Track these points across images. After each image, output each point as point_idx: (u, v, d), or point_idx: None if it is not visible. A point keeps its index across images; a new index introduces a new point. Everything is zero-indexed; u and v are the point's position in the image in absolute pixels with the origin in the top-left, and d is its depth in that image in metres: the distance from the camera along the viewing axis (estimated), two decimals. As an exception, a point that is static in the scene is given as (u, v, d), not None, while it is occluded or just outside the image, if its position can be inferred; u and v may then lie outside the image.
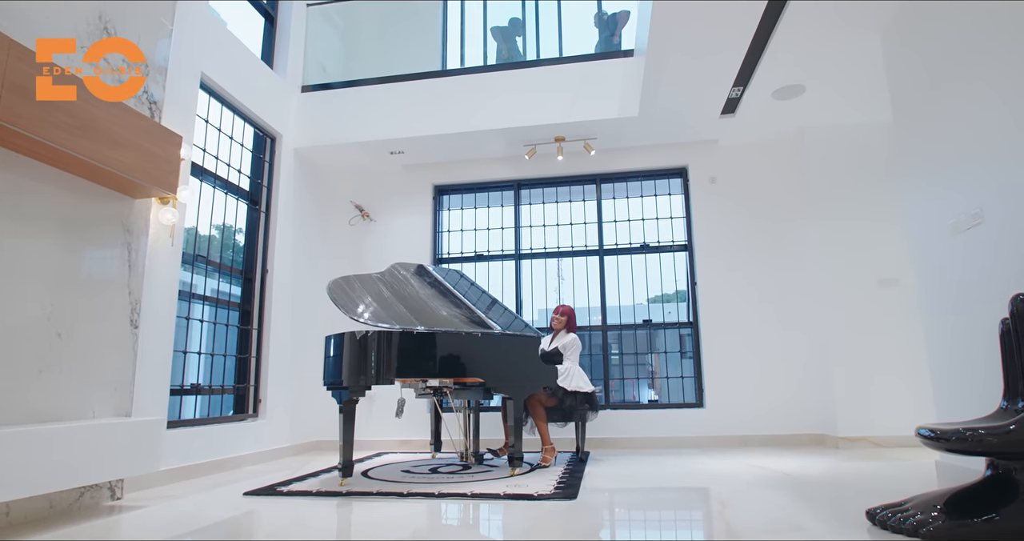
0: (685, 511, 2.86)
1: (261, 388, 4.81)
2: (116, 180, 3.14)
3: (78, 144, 2.77)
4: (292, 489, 3.32)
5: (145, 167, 3.21)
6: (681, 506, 2.97)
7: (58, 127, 2.67)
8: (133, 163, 3.11)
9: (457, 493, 3.09)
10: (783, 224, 5.28)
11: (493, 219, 5.97)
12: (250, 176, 5.02)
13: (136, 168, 3.14)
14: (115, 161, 2.99)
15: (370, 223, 5.88)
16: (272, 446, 4.75)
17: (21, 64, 2.52)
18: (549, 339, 4.55)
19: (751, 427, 4.92)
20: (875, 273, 4.78)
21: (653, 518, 2.71)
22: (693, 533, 2.52)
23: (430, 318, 3.78)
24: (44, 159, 2.82)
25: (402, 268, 4.42)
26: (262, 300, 4.94)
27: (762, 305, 5.16)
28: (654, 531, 2.58)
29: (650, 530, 2.61)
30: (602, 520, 2.71)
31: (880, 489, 2.98)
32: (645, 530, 2.61)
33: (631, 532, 2.57)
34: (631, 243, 5.69)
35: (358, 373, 3.34)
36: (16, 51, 2.51)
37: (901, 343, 4.61)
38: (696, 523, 2.67)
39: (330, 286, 3.72)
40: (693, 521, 2.67)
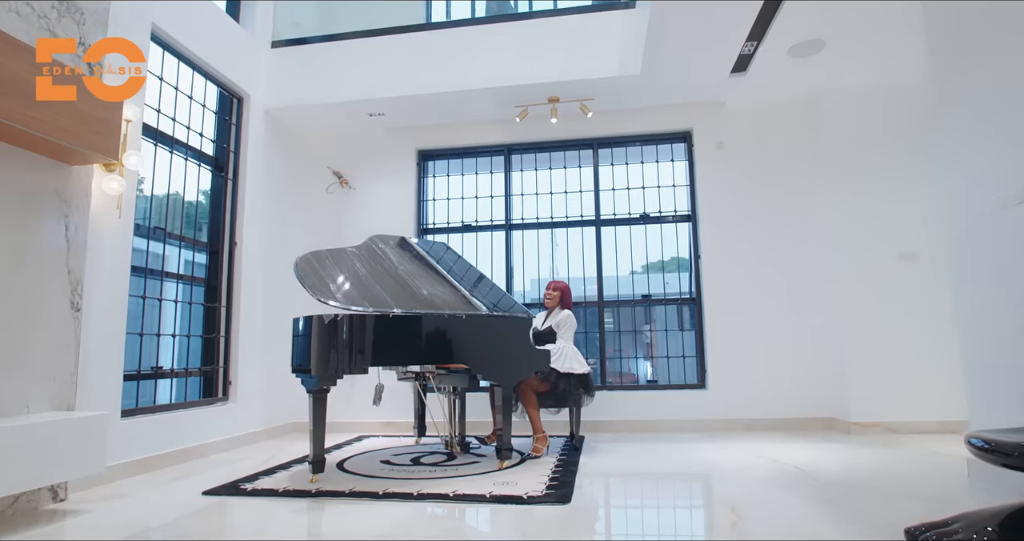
0: (692, 521, 2.57)
1: (231, 369, 4.48)
2: (44, 144, 2.73)
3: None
4: (256, 487, 3.02)
5: (78, 129, 2.79)
6: (687, 515, 2.69)
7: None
8: (62, 125, 2.69)
9: (438, 494, 2.79)
10: (795, 194, 4.90)
11: (482, 187, 5.57)
12: (215, 140, 4.58)
13: (66, 130, 2.72)
14: (37, 122, 2.58)
15: (349, 191, 5.47)
16: (244, 431, 4.45)
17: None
18: (542, 318, 4.22)
19: (757, 410, 4.65)
20: (893, 248, 4.44)
21: (656, 531, 2.42)
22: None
23: (409, 298, 3.43)
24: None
25: (380, 241, 4.04)
26: (230, 275, 4.57)
27: (770, 280, 4.83)
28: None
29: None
30: (598, 532, 2.42)
31: (909, 492, 2.70)
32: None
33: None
34: (630, 213, 5.31)
35: (327, 362, 3.00)
36: None
37: (920, 323, 4.31)
38: (708, 536, 2.38)
39: (298, 263, 3.35)
40: (702, 536, 2.38)
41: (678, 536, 2.25)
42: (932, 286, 4.32)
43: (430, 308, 3.36)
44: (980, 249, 2.87)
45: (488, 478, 3.13)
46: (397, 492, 2.85)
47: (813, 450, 3.74)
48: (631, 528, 2.44)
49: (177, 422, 3.83)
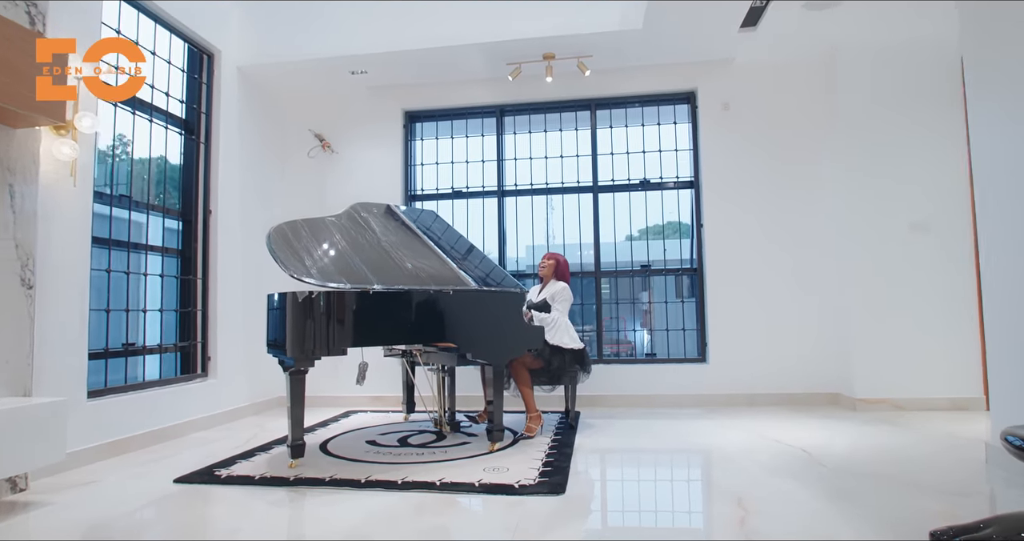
0: (696, 517, 2.40)
1: (210, 344, 4.27)
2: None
3: None
4: (232, 474, 2.84)
5: (15, 88, 2.49)
6: (690, 509, 2.52)
7: None
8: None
9: (423, 483, 2.62)
10: (805, 159, 4.63)
11: (473, 150, 5.27)
12: (184, 100, 4.25)
13: (3, 89, 2.43)
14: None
15: (332, 155, 5.16)
16: (227, 407, 4.27)
17: None
18: (537, 290, 4.00)
19: (759, 385, 4.49)
20: (903, 223, 4.20)
21: (656, 529, 2.25)
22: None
23: (392, 273, 3.19)
24: None
25: (362, 210, 3.78)
26: (206, 245, 4.31)
27: (776, 251, 4.60)
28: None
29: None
30: (594, 529, 2.25)
31: (926, 482, 2.53)
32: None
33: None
34: (630, 179, 5.04)
35: (302, 342, 2.79)
36: None
37: (929, 299, 4.12)
38: (713, 537, 2.22)
39: (270, 236, 3.09)
40: (707, 536, 2.21)
41: (682, 536, 2.08)
42: (942, 262, 4.12)
43: (415, 283, 3.13)
44: (1012, 218, 2.63)
45: (478, 463, 2.97)
46: (380, 480, 2.67)
47: (819, 429, 3.59)
48: (629, 524, 2.27)
49: (153, 401, 3.64)
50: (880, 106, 4.28)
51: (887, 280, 4.17)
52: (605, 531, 2.17)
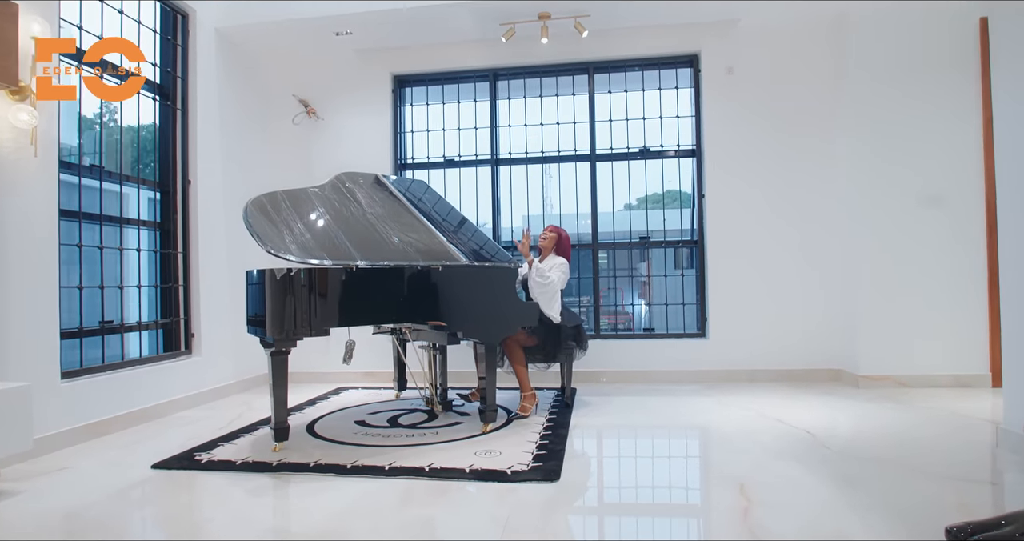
0: (696, 508, 2.29)
1: (193, 321, 4.12)
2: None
3: None
4: (212, 458, 2.72)
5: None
6: (690, 498, 2.41)
7: None
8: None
9: (412, 468, 2.50)
10: (812, 129, 4.41)
11: (465, 117, 5.03)
12: (158, 64, 4.00)
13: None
14: None
15: (317, 122, 4.92)
16: (212, 385, 4.15)
17: None
18: (519, 268, 3.78)
19: (759, 361, 4.38)
20: (915, 194, 4.02)
21: (654, 520, 2.14)
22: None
23: (377, 247, 3.02)
24: None
25: (348, 180, 3.58)
26: (185, 217, 4.12)
27: (780, 223, 4.43)
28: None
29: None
30: (589, 519, 2.15)
31: (935, 467, 2.43)
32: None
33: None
34: (629, 147, 4.83)
35: (281, 323, 2.63)
36: None
37: (936, 276, 3.98)
38: (714, 531, 2.11)
39: (247, 209, 2.91)
40: (706, 531, 2.10)
41: (681, 534, 1.98)
42: (951, 238, 3.98)
43: (402, 258, 2.97)
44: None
45: (470, 445, 2.85)
46: (367, 465, 2.56)
47: (821, 408, 3.48)
48: (626, 517, 2.16)
49: (133, 381, 3.50)
50: (891, 75, 4.05)
51: (895, 256, 4.02)
52: (600, 526, 2.06)
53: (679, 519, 2.13)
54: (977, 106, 3.95)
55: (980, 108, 3.94)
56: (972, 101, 3.96)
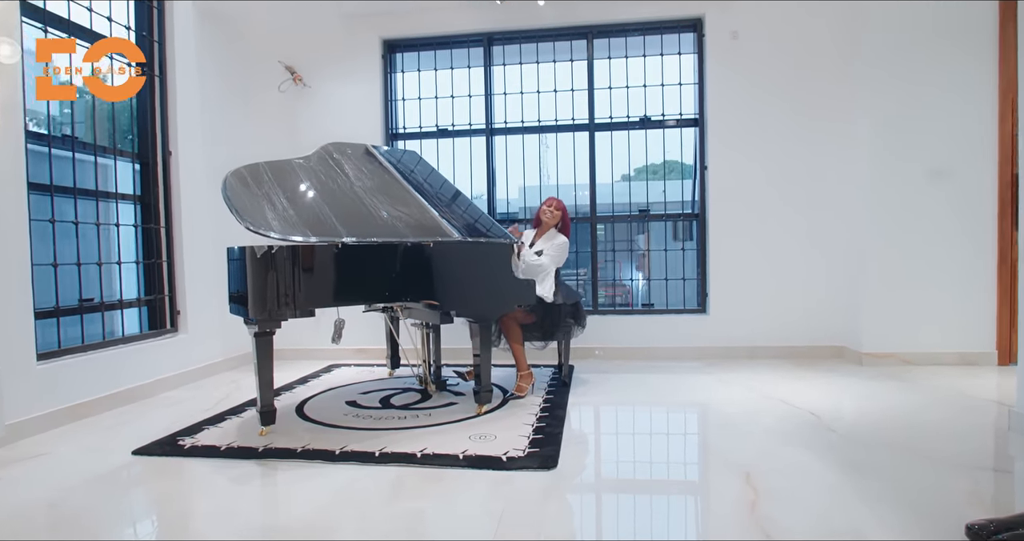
0: (701, 500, 2.20)
1: (178, 297, 3.99)
2: None
3: None
4: (196, 444, 2.62)
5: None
6: (693, 488, 2.32)
7: None
8: None
9: (403, 454, 2.41)
10: (821, 99, 4.21)
11: (459, 84, 4.81)
12: (133, 28, 3.77)
13: None
14: None
15: (304, 90, 4.70)
16: (199, 363, 4.04)
17: None
18: (529, 236, 3.66)
19: (761, 337, 4.28)
20: (925, 168, 3.87)
21: (654, 513, 2.05)
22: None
23: (365, 223, 2.87)
24: None
25: (336, 151, 3.41)
26: (167, 190, 3.95)
27: (785, 196, 4.27)
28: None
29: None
30: (587, 512, 2.06)
31: (947, 453, 2.34)
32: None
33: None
34: (629, 116, 4.64)
35: (264, 303, 2.50)
36: None
37: (943, 252, 3.86)
38: (721, 528, 2.02)
39: (226, 182, 2.74)
40: (713, 526, 2.01)
41: (685, 525, 1.88)
42: (957, 215, 3.85)
43: (391, 235, 2.82)
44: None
45: (463, 428, 2.76)
46: (356, 451, 2.46)
47: (825, 387, 3.39)
48: (625, 510, 2.06)
49: (116, 361, 3.39)
50: (908, 42, 3.85)
51: (901, 231, 3.89)
52: (598, 521, 1.97)
53: (682, 513, 2.04)
54: (992, 80, 3.77)
55: (995, 82, 3.77)
56: (986, 76, 3.79)
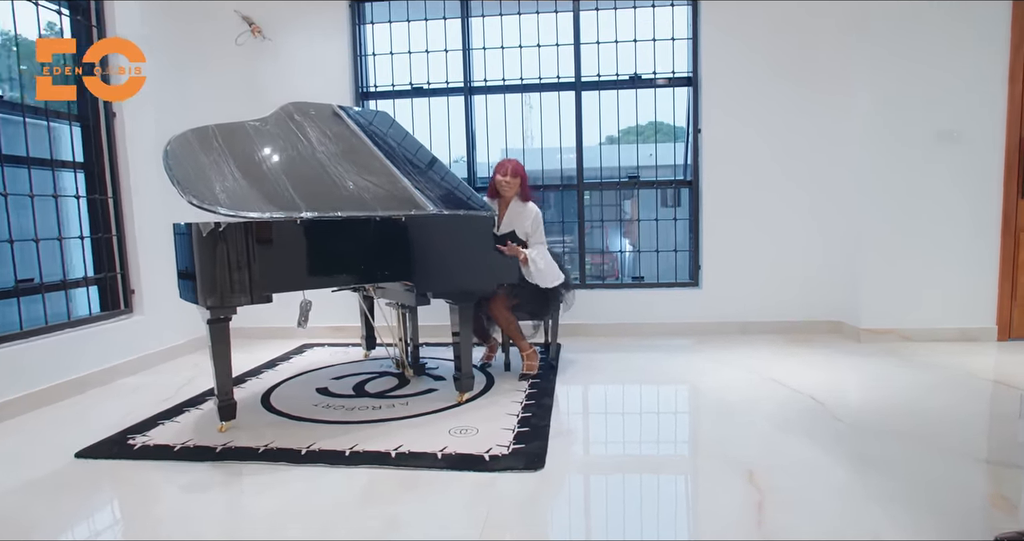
0: (700, 506, 2.00)
1: (132, 275, 3.68)
2: None
3: None
4: (148, 443, 2.37)
5: None
6: (693, 492, 2.12)
7: None
8: None
9: (375, 454, 2.19)
10: (825, 57, 3.90)
11: (434, 38, 4.42)
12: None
13: None
14: None
15: (264, 43, 4.28)
16: (157, 347, 3.75)
17: None
18: (497, 216, 3.17)
19: (756, 312, 4.08)
20: (928, 137, 3.64)
21: (649, 519, 1.85)
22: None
23: (328, 195, 2.56)
24: None
25: (297, 112, 3.06)
26: (112, 157, 3.58)
27: (782, 164, 4.01)
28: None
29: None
30: (577, 523, 1.86)
31: (958, 444, 2.18)
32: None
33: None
34: (618, 74, 4.30)
35: (213, 288, 2.22)
36: None
37: (945, 222, 3.67)
38: (725, 535, 1.83)
39: (168, 150, 2.41)
40: (717, 533, 1.83)
41: (687, 534, 1.69)
42: (959, 186, 3.65)
43: (358, 208, 2.52)
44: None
45: (444, 420, 2.54)
46: (325, 451, 2.24)
47: (824, 368, 3.22)
48: (621, 515, 1.87)
49: (63, 346, 3.10)
50: (915, 14, 3.57)
51: (901, 205, 3.69)
52: (589, 532, 1.76)
53: (681, 519, 1.85)
54: (1004, 45, 3.52)
55: (1007, 46, 3.52)
56: (998, 36, 3.53)
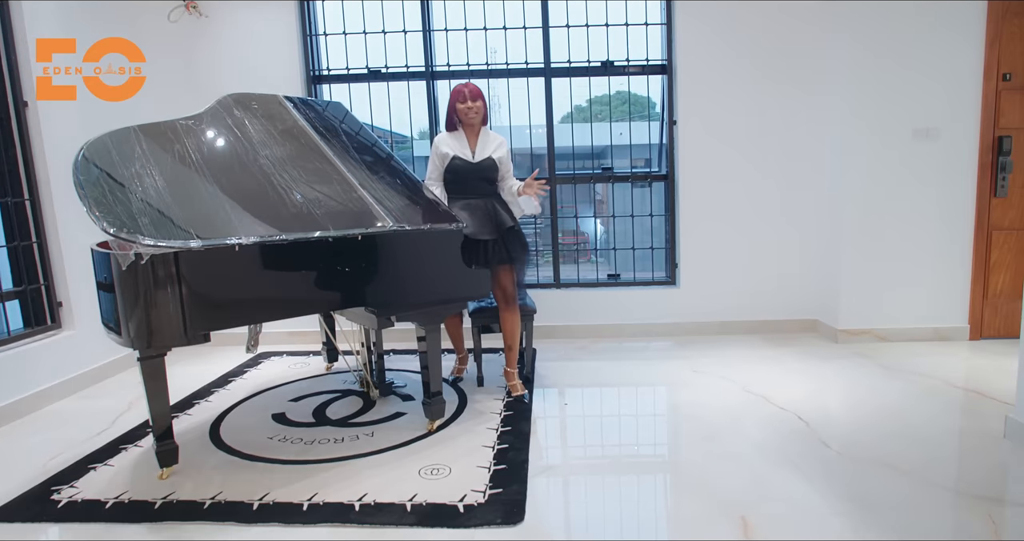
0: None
1: (58, 286, 3.30)
2: None
3: None
4: (76, 497, 2.10)
5: None
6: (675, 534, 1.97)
7: None
8: None
9: (337, 506, 1.97)
10: (804, 45, 3.72)
11: (392, 17, 4.05)
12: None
13: None
14: None
15: (200, 21, 3.85)
16: (91, 365, 3.40)
17: None
18: (457, 144, 2.84)
19: (733, 311, 3.96)
20: (906, 136, 3.53)
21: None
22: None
23: (272, 213, 2.25)
24: None
25: (238, 105, 2.71)
26: (26, 153, 3.16)
27: (761, 155, 3.85)
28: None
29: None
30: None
31: (950, 475, 2.09)
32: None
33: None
34: (589, 61, 4.03)
35: (139, 330, 1.93)
36: None
37: (920, 223, 3.59)
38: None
39: (78, 163, 2.07)
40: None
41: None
42: (935, 186, 3.56)
43: (307, 227, 2.23)
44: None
45: (412, 455, 2.34)
46: (279, 503, 2.01)
47: (804, 375, 3.13)
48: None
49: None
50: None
51: (877, 204, 3.59)
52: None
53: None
54: (979, 42, 3.41)
55: (982, 43, 3.40)
56: (972, 33, 3.42)
